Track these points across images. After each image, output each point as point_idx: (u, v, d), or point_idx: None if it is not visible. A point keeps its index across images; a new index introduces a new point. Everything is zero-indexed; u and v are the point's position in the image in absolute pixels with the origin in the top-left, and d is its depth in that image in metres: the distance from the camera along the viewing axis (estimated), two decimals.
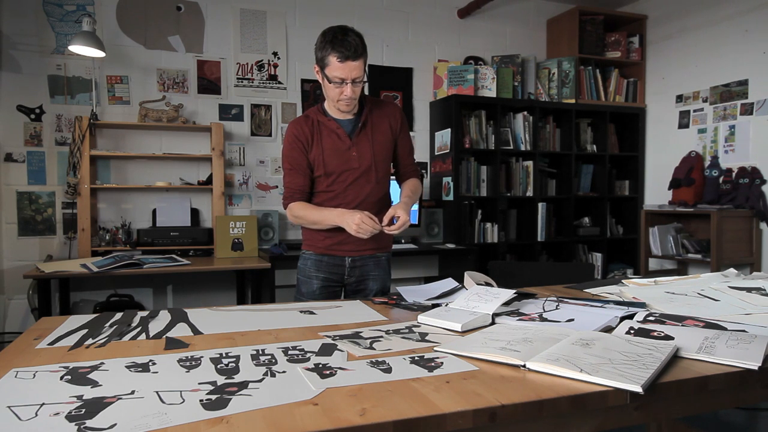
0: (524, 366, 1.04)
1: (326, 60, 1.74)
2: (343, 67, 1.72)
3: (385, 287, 2.02)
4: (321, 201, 1.94)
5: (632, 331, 1.26)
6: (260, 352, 1.16)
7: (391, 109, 1.98)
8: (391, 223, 1.78)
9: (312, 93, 3.86)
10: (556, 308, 1.53)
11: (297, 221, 1.94)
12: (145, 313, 1.54)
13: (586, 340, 1.16)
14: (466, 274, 1.80)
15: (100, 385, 0.96)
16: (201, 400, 0.89)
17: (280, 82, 3.80)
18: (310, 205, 1.91)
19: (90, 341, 1.26)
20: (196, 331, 1.36)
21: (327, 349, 1.18)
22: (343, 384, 0.96)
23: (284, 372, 1.03)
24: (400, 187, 2.05)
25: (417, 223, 3.79)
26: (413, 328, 1.37)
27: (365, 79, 1.80)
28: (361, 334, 1.31)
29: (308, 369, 1.04)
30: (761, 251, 3.61)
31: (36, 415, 0.84)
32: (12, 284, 3.30)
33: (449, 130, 3.87)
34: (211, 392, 0.92)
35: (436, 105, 4.10)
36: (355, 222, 1.73)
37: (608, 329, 1.31)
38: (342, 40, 1.70)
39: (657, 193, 4.28)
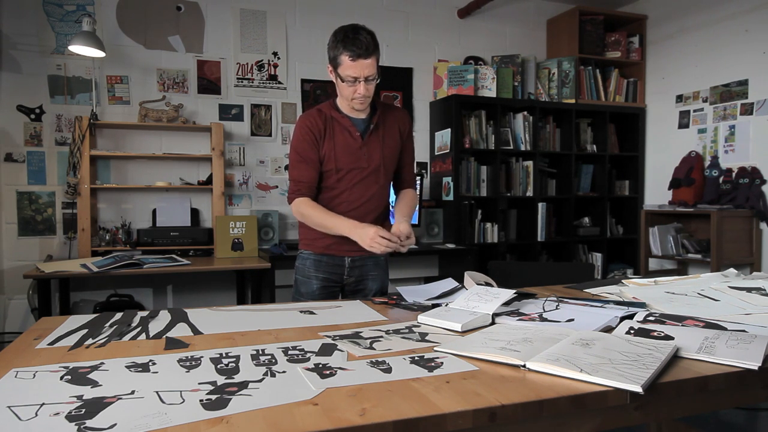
0: (524, 366, 1.04)
1: (339, 59, 1.73)
2: (355, 65, 1.71)
3: (383, 287, 2.02)
4: (325, 196, 1.91)
5: (632, 331, 1.26)
6: (260, 352, 1.16)
7: (401, 114, 1.99)
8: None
9: (312, 93, 3.86)
10: (556, 308, 1.53)
11: (302, 219, 1.88)
12: (145, 313, 1.54)
13: (586, 340, 1.16)
14: (466, 274, 1.80)
15: (100, 385, 0.96)
16: (201, 400, 0.89)
17: (280, 82, 3.80)
18: (320, 207, 1.85)
19: (90, 341, 1.26)
20: (196, 331, 1.36)
21: (327, 349, 1.18)
22: (343, 384, 0.96)
23: (284, 372, 1.03)
24: (396, 194, 2.05)
25: (417, 223, 3.79)
26: (413, 328, 1.37)
27: (378, 77, 1.78)
28: (361, 334, 1.31)
29: (308, 369, 1.04)
30: (761, 251, 3.61)
31: (36, 415, 0.84)
32: (12, 284, 3.30)
33: (449, 130, 3.87)
34: (211, 392, 0.92)
35: (436, 105, 4.10)
36: (369, 236, 1.71)
37: (608, 329, 1.31)
38: (353, 39, 1.69)
39: (657, 193, 4.28)
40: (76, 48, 3.07)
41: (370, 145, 1.89)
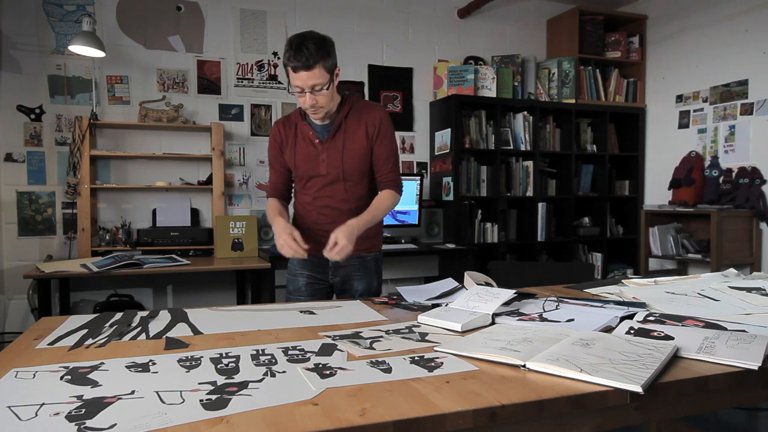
0: (524, 366, 1.04)
1: (287, 69, 1.74)
2: (297, 77, 1.71)
3: (371, 287, 1.99)
4: (302, 200, 1.99)
5: (632, 331, 1.26)
6: (260, 352, 1.16)
7: (372, 113, 1.89)
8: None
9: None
10: (556, 308, 1.53)
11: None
12: (145, 313, 1.54)
13: (586, 340, 1.16)
14: (466, 274, 1.80)
15: (100, 385, 0.96)
16: (201, 400, 0.89)
17: (280, 82, 3.80)
18: (275, 207, 1.94)
19: (90, 341, 1.26)
20: (196, 331, 1.36)
21: (327, 349, 1.18)
22: (343, 384, 0.96)
23: (284, 372, 1.03)
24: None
25: (417, 223, 3.79)
26: (413, 328, 1.37)
27: (328, 85, 1.74)
28: (361, 334, 1.31)
29: (308, 369, 1.04)
30: (761, 251, 3.61)
31: (36, 415, 0.84)
32: (12, 284, 3.30)
33: (449, 130, 3.87)
34: (211, 392, 0.92)
35: (436, 105, 4.10)
36: (279, 242, 1.75)
37: (608, 329, 1.31)
38: (297, 50, 1.67)
39: (657, 193, 4.28)
40: (76, 48, 3.07)
41: (329, 152, 1.87)
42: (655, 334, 1.23)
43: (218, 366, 1.07)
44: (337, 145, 1.87)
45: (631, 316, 1.41)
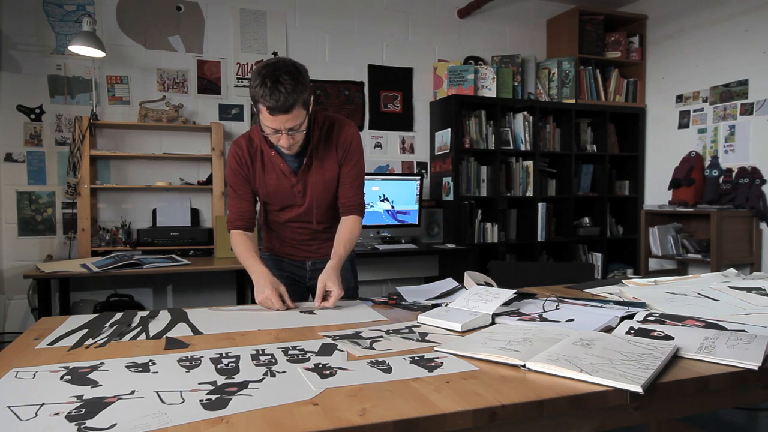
0: (524, 366, 1.04)
1: (257, 106, 1.56)
2: (274, 119, 1.54)
3: (348, 288, 1.92)
4: (275, 218, 1.90)
5: (632, 331, 1.26)
6: (260, 352, 1.16)
7: (341, 134, 1.78)
8: (324, 298, 1.64)
9: (312, 92, 3.85)
10: (556, 308, 1.53)
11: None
12: (145, 313, 1.54)
13: (586, 340, 1.16)
14: (466, 274, 1.80)
15: (100, 385, 0.96)
16: (201, 400, 0.89)
17: None
18: (247, 247, 1.78)
19: (90, 341, 1.26)
20: (196, 331, 1.36)
21: (327, 349, 1.17)
22: (343, 384, 0.96)
23: (284, 372, 1.03)
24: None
25: (417, 223, 3.79)
26: (413, 328, 1.37)
27: (304, 125, 1.61)
28: (361, 334, 1.31)
29: (308, 369, 1.04)
30: (761, 251, 3.61)
31: (36, 415, 0.84)
32: (12, 284, 3.30)
33: (449, 130, 3.87)
34: (211, 392, 0.92)
35: (436, 105, 4.10)
36: (260, 297, 1.62)
37: (608, 329, 1.31)
38: (272, 89, 1.48)
39: (657, 193, 4.28)
40: (76, 48, 3.07)
41: (305, 182, 1.78)
42: (655, 334, 1.23)
43: (218, 366, 1.06)
44: (311, 174, 1.78)
45: (631, 316, 1.41)
